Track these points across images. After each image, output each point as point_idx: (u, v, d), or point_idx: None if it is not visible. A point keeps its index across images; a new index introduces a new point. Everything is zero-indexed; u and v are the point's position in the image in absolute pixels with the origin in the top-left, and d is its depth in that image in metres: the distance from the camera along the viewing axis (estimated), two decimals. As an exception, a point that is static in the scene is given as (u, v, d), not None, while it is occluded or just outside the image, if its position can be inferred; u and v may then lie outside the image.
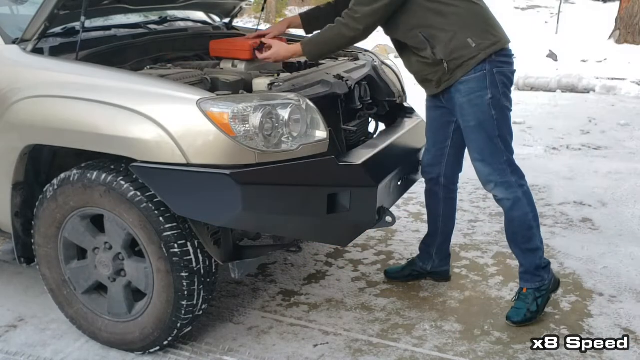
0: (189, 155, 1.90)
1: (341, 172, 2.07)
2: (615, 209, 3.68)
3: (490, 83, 2.25)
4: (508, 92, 2.32)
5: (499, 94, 2.27)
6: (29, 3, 2.68)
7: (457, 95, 2.31)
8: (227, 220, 1.99)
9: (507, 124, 2.33)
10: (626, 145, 5.22)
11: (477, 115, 2.29)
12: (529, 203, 2.37)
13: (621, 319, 2.48)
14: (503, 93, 2.28)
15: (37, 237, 2.27)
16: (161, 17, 3.04)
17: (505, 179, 2.33)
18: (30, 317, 2.56)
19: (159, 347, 2.23)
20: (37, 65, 2.19)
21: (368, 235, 3.26)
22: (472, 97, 2.27)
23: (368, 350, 2.29)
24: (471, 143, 2.36)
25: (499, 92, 2.27)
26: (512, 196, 2.34)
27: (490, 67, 2.24)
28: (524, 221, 2.37)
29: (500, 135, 2.30)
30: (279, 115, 1.97)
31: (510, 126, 2.36)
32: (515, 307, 2.45)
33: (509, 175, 2.33)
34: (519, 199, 2.35)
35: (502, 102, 2.28)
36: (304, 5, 27.54)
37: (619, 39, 11.04)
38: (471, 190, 4.05)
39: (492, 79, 2.25)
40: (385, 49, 11.73)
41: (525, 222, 2.38)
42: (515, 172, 2.35)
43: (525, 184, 2.38)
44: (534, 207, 2.40)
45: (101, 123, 1.99)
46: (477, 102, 2.27)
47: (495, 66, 2.25)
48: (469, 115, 2.30)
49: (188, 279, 2.05)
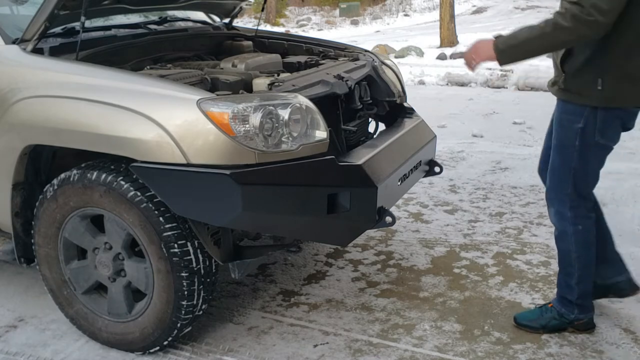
0: (189, 155, 1.90)
1: (341, 172, 2.07)
2: (615, 209, 3.68)
3: (589, 113, 2.06)
4: (608, 129, 2.09)
5: (593, 128, 2.07)
6: (29, 3, 2.68)
7: (557, 107, 2.21)
8: (227, 221, 1.99)
9: (591, 160, 2.14)
10: (626, 145, 5.21)
11: (560, 137, 2.17)
12: (577, 243, 2.23)
13: (621, 319, 2.48)
14: (600, 129, 2.07)
15: (37, 237, 2.27)
16: (161, 17, 3.05)
17: (560, 209, 2.24)
18: (30, 317, 2.56)
19: (159, 347, 2.23)
20: (37, 65, 2.19)
21: (368, 235, 3.26)
22: (564, 118, 2.15)
23: (368, 350, 2.29)
24: (550, 160, 2.26)
25: (595, 126, 2.07)
26: (560, 228, 2.27)
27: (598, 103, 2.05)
28: (566, 256, 2.29)
29: (576, 168, 2.14)
30: (279, 115, 1.97)
31: (596, 163, 2.17)
32: (530, 311, 2.44)
33: (566, 208, 2.21)
34: (566, 234, 2.25)
35: (593, 136, 2.08)
36: (304, 6, 27.55)
37: (619, 39, 11.02)
38: (471, 190, 4.06)
39: (593, 111, 2.06)
40: (385, 49, 11.74)
41: (566, 257, 2.29)
42: (575, 207, 2.21)
43: (583, 225, 2.22)
44: (582, 250, 2.24)
45: (101, 123, 1.99)
46: (565, 124, 2.14)
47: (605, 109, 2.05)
48: (556, 132, 2.20)
49: (188, 279, 2.05)
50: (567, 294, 2.33)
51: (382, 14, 24.27)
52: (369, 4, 26.11)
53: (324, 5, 26.71)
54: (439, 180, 4.15)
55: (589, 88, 2.03)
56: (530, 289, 2.72)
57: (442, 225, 3.48)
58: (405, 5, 25.29)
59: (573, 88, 2.08)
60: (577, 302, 2.32)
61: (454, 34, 12.84)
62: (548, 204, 2.32)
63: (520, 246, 3.14)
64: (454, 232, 3.37)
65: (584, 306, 2.34)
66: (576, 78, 2.06)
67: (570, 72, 2.07)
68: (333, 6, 26.16)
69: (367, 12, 24.83)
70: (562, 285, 2.36)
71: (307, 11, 26.71)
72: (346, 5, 24.64)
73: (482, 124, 5.98)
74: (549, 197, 2.31)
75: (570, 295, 2.32)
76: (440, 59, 10.90)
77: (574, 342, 2.32)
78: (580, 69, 2.04)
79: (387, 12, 24.66)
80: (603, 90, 2.01)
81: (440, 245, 3.20)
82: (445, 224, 3.50)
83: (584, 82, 2.04)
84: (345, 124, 2.53)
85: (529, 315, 2.41)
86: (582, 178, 2.19)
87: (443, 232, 3.38)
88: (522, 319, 2.41)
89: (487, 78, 8.42)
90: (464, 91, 7.95)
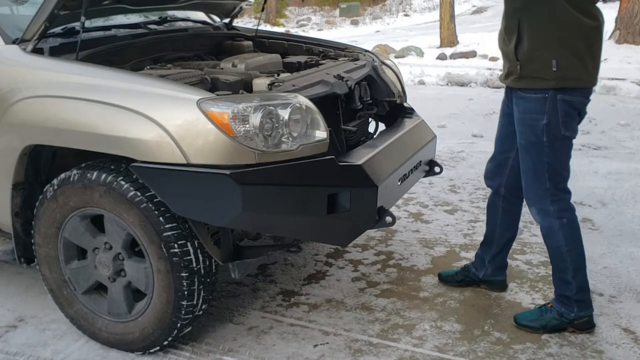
0: (189, 155, 1.90)
1: (341, 172, 2.06)
2: (615, 209, 3.68)
3: (550, 108, 2.13)
4: (571, 121, 2.18)
5: (557, 122, 2.15)
6: (29, 3, 2.68)
7: (516, 108, 2.25)
8: (227, 221, 1.99)
9: (561, 152, 2.22)
10: (626, 145, 5.21)
11: (528, 136, 2.22)
12: (565, 236, 2.27)
13: (621, 319, 2.48)
14: (563, 122, 2.15)
15: (37, 237, 2.27)
16: (161, 17, 3.04)
17: (542, 206, 2.27)
18: (30, 317, 2.56)
19: (159, 347, 2.23)
20: (37, 65, 2.19)
21: (368, 235, 3.26)
22: (527, 117, 2.20)
23: (368, 350, 2.29)
24: (521, 160, 2.31)
25: (558, 119, 2.14)
26: (547, 225, 2.29)
27: (554, 93, 2.13)
28: (557, 252, 2.31)
29: (549, 162, 2.20)
30: (279, 116, 1.97)
31: (565, 156, 2.24)
32: (530, 311, 2.44)
33: (547, 203, 2.25)
34: (554, 230, 2.28)
35: (558, 130, 2.16)
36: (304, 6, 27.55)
37: (619, 39, 11.03)
38: (471, 190, 4.06)
39: (553, 105, 2.13)
40: (385, 49, 11.74)
41: (557, 253, 2.31)
42: (557, 201, 2.25)
43: (567, 217, 2.27)
44: (571, 243, 2.29)
45: (101, 123, 1.99)
46: (530, 123, 2.19)
47: (562, 93, 2.13)
48: (521, 133, 2.25)
49: (188, 279, 2.05)
50: (565, 291, 2.34)
51: (382, 14, 24.27)
52: (369, 4, 26.11)
53: (324, 5, 26.71)
54: (439, 180, 4.15)
55: (544, 71, 2.11)
56: (530, 289, 2.72)
57: (442, 225, 3.48)
58: (405, 5, 25.30)
59: (530, 74, 2.15)
60: (576, 298, 2.33)
61: (454, 34, 12.84)
62: (528, 204, 2.35)
63: (520, 246, 3.14)
64: (454, 232, 3.37)
65: (583, 302, 2.35)
66: (531, 63, 2.14)
67: (525, 59, 2.14)
68: (333, 6, 26.15)
69: (367, 12, 24.84)
70: (558, 284, 2.37)
71: (307, 11, 26.71)
72: (346, 5, 24.64)
73: (482, 124, 5.97)
74: (528, 197, 2.33)
75: (569, 291, 2.33)
76: (440, 59, 10.90)
77: (574, 342, 2.32)
78: (534, 54, 2.12)
79: (387, 12, 24.66)
80: (558, 71, 2.09)
81: (440, 245, 3.20)
82: (445, 224, 3.50)
83: (539, 66, 2.12)
84: (345, 124, 2.53)
85: (528, 316, 2.41)
86: (557, 172, 2.24)
87: (443, 232, 3.38)
88: (522, 320, 2.41)
89: (487, 78, 8.42)
90: (464, 91, 7.95)
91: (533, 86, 2.16)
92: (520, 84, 2.19)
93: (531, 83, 2.16)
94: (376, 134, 2.80)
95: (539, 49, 2.11)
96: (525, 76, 2.17)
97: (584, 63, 2.13)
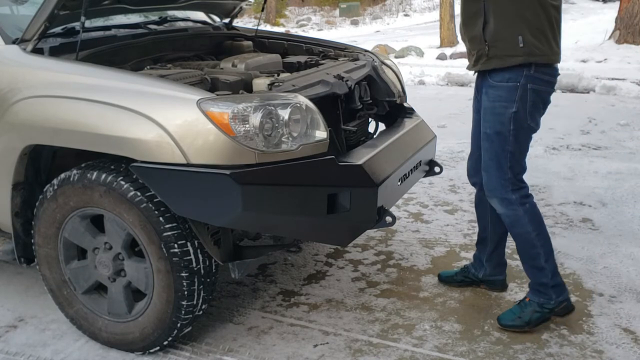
0: (189, 155, 1.90)
1: (341, 172, 2.06)
2: (615, 209, 3.68)
3: (519, 97, 2.20)
4: (536, 112, 2.25)
5: (524, 111, 2.22)
6: (29, 3, 2.69)
7: (485, 98, 2.30)
8: (227, 221, 1.99)
9: (523, 142, 2.29)
10: (626, 145, 5.22)
11: (494, 125, 2.27)
12: (532, 221, 2.32)
13: (621, 319, 2.48)
14: (530, 112, 2.23)
15: (37, 237, 2.27)
16: (161, 17, 3.04)
17: (505, 195, 2.31)
18: (30, 317, 2.56)
19: (159, 347, 2.23)
20: (37, 65, 2.19)
21: (368, 235, 3.26)
22: (497, 105, 2.25)
23: (368, 350, 2.29)
24: (483, 151, 2.35)
25: (526, 109, 2.22)
26: (511, 213, 2.32)
27: (525, 82, 2.19)
28: (526, 239, 2.34)
29: (512, 151, 2.26)
30: (279, 115, 1.97)
31: (526, 146, 2.32)
32: (510, 310, 2.45)
33: (509, 192, 2.30)
34: (519, 217, 2.31)
35: (525, 120, 2.23)
36: (304, 6, 27.55)
37: (619, 39, 11.04)
38: (471, 190, 4.05)
39: (523, 94, 2.20)
40: (385, 49, 11.75)
41: (527, 240, 2.34)
42: (518, 190, 2.31)
43: (528, 202, 2.33)
44: (538, 227, 2.33)
45: (101, 123, 1.99)
46: (499, 111, 2.24)
47: (531, 82, 2.20)
48: (488, 122, 2.29)
49: (188, 279, 2.05)
50: (542, 278, 2.36)
51: (382, 14, 24.28)
52: (369, 4, 26.11)
53: (324, 5, 26.72)
54: (439, 180, 4.15)
55: (512, 48, 2.18)
56: (530, 289, 2.72)
57: (442, 225, 3.48)
58: (405, 5, 25.30)
59: (498, 53, 2.21)
60: (552, 283, 2.36)
61: (454, 34, 12.85)
62: (489, 195, 2.37)
63: (520, 246, 3.13)
64: (454, 232, 3.37)
65: (559, 285, 2.38)
66: (499, 43, 2.20)
67: (492, 39, 2.22)
68: (333, 6, 26.16)
69: (367, 12, 24.84)
70: (533, 272, 2.39)
71: (307, 11, 26.72)
72: (346, 5, 24.64)
73: (482, 124, 5.96)
74: (489, 188, 2.36)
75: (545, 277, 2.36)
76: (440, 59, 10.91)
77: (574, 342, 2.32)
78: (501, 34, 2.19)
79: (387, 12, 24.67)
80: (525, 46, 2.17)
81: (440, 245, 3.21)
82: (445, 224, 3.50)
83: (507, 44, 2.18)
84: (345, 124, 2.53)
85: (510, 316, 2.42)
86: (518, 161, 2.30)
87: (443, 232, 3.38)
88: (505, 321, 2.41)
89: (487, 78, 8.41)
90: (464, 91, 7.95)
91: (502, 65, 2.21)
92: (491, 65, 2.24)
93: (500, 62, 2.21)
94: (376, 134, 2.80)
95: (505, 28, 2.18)
96: (494, 56, 2.22)
97: (547, 39, 2.20)
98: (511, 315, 2.41)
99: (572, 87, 8.08)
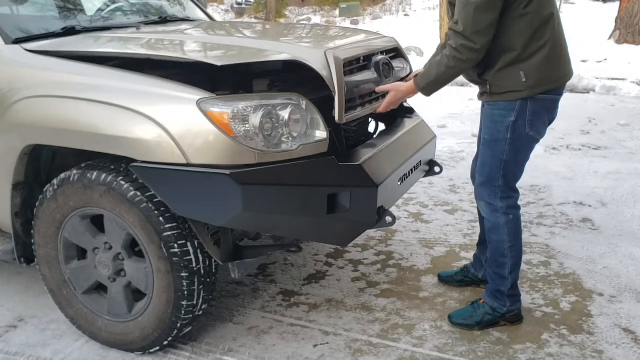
0: (189, 155, 1.90)
1: (341, 172, 2.06)
2: (615, 209, 3.68)
3: (519, 107, 2.17)
4: (537, 121, 2.21)
5: (524, 121, 2.18)
6: (29, 3, 2.68)
7: (486, 104, 2.30)
8: (227, 221, 1.99)
9: (521, 152, 2.26)
10: (626, 145, 5.22)
11: (492, 132, 2.26)
12: (510, 233, 2.32)
13: (621, 319, 2.48)
14: (530, 121, 2.19)
15: (37, 237, 2.27)
16: (161, 17, 3.04)
17: (491, 201, 2.32)
18: (30, 317, 2.56)
19: (159, 347, 2.23)
20: (37, 65, 2.19)
21: (368, 235, 3.26)
22: (495, 113, 2.23)
23: (368, 350, 2.29)
24: (480, 154, 2.36)
25: (525, 118, 2.18)
26: (493, 219, 2.33)
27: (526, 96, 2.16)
28: (499, 247, 2.36)
29: (507, 160, 2.24)
30: (279, 115, 1.97)
31: (525, 155, 2.29)
32: (463, 309, 2.48)
33: (497, 199, 2.30)
34: (499, 226, 2.32)
35: (524, 129, 2.20)
36: (304, 6, 27.55)
37: (619, 39, 11.04)
38: (471, 190, 4.03)
39: (523, 104, 2.17)
40: (385, 49, 11.70)
41: (499, 249, 2.36)
42: (506, 199, 2.30)
43: (513, 214, 2.32)
44: (514, 239, 2.34)
45: (101, 123, 1.99)
46: (497, 119, 2.22)
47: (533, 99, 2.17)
48: (487, 128, 2.29)
49: (188, 279, 2.05)
50: (500, 286, 2.39)
51: (382, 14, 24.26)
52: (369, 4, 26.10)
53: (324, 5, 26.70)
54: (439, 180, 4.16)
55: (516, 84, 2.15)
56: (530, 289, 2.72)
57: (442, 225, 3.48)
58: (405, 5, 25.29)
59: (502, 90, 2.19)
60: (509, 293, 2.39)
61: (454, 34, 12.83)
62: (477, 197, 2.39)
63: (520, 246, 3.14)
64: (454, 232, 3.37)
65: (515, 296, 2.42)
66: (501, 81, 2.18)
67: (493, 79, 2.19)
68: (333, 6, 26.14)
69: (367, 12, 24.83)
70: (494, 279, 2.41)
71: (307, 11, 26.70)
72: (346, 5, 24.63)
73: (482, 124, 5.97)
74: (478, 191, 2.38)
75: (503, 286, 2.38)
76: (440, 59, 10.88)
77: (574, 342, 2.32)
78: (502, 74, 2.17)
79: (387, 12, 24.65)
80: (528, 80, 2.13)
81: (440, 245, 3.21)
82: (445, 224, 3.50)
83: (510, 82, 2.16)
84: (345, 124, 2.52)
85: (462, 314, 2.45)
86: (512, 170, 2.28)
87: (443, 232, 3.38)
88: (456, 318, 2.44)
89: (487, 78, 8.42)
90: (464, 91, 7.95)
91: (506, 99, 2.19)
92: (494, 99, 2.23)
93: (504, 97, 2.19)
94: (376, 134, 2.80)
95: (504, 67, 2.15)
96: (497, 93, 2.21)
97: (552, 64, 2.15)
98: (463, 314, 2.44)
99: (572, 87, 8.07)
